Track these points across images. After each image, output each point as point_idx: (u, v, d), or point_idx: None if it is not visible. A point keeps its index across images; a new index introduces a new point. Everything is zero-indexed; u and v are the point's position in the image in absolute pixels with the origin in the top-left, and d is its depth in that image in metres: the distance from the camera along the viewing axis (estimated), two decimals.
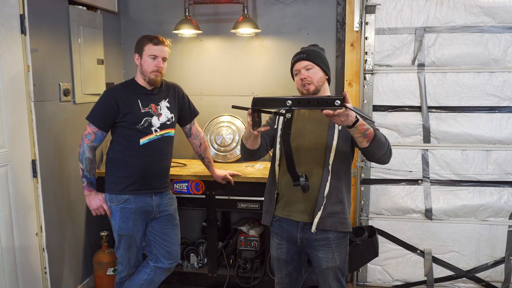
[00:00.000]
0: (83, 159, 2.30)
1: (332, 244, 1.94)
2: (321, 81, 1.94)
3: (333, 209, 1.91)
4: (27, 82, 2.42)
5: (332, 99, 1.56)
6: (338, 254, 1.96)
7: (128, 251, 2.40)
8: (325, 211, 1.90)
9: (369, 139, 1.73)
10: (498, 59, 2.77)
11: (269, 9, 3.16)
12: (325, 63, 1.98)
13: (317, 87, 1.93)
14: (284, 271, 2.09)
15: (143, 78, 2.33)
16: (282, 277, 2.11)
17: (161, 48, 2.29)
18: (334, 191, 1.90)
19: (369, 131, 1.71)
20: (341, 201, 1.92)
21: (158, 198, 2.40)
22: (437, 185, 2.93)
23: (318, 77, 1.93)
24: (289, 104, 1.59)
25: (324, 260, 1.97)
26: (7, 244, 2.34)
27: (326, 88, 1.99)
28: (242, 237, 3.05)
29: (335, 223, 1.92)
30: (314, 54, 1.96)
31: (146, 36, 2.31)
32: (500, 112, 2.82)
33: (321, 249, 1.96)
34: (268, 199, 2.07)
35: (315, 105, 1.58)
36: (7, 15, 2.29)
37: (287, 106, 1.59)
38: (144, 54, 2.28)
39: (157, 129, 2.34)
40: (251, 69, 3.25)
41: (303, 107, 1.61)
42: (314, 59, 1.94)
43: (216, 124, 3.26)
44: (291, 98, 1.59)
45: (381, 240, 2.93)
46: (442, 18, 2.79)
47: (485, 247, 2.94)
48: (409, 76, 2.87)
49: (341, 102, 1.54)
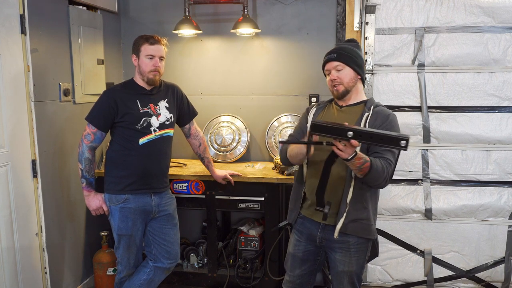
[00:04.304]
0: (82, 159, 2.30)
1: (351, 248, 1.92)
2: (351, 82, 1.91)
3: (357, 215, 1.87)
4: (27, 82, 2.42)
5: (397, 138, 1.49)
6: (356, 259, 1.94)
7: (128, 251, 2.40)
8: (348, 217, 1.86)
9: (363, 173, 1.73)
10: (498, 59, 2.77)
11: (269, 9, 3.16)
12: (357, 63, 1.91)
13: (346, 88, 1.91)
14: (297, 270, 2.07)
15: (141, 78, 2.33)
16: (294, 276, 2.09)
17: (157, 48, 2.29)
18: (358, 197, 1.86)
19: (365, 165, 1.70)
20: (365, 207, 1.89)
21: (158, 198, 2.40)
22: (437, 185, 2.93)
23: (348, 78, 1.90)
24: (350, 135, 1.53)
25: (341, 263, 1.95)
26: (7, 244, 2.34)
27: (358, 89, 1.95)
28: (242, 237, 3.04)
29: (357, 228, 1.89)
30: (345, 54, 1.91)
31: (142, 36, 2.31)
32: (500, 112, 2.82)
33: (339, 252, 1.94)
34: (294, 198, 2.07)
35: (378, 141, 1.53)
36: (7, 15, 2.29)
37: (348, 137, 1.54)
38: (141, 54, 2.28)
39: (156, 129, 2.34)
40: (251, 69, 3.25)
41: (363, 141, 1.55)
42: (345, 59, 1.89)
43: (216, 124, 3.26)
44: (353, 129, 1.53)
45: (381, 240, 2.92)
46: (442, 18, 2.79)
47: (485, 247, 2.94)
48: (409, 76, 2.87)
49: (406, 142, 1.49)
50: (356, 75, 1.92)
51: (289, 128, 3.13)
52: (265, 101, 3.25)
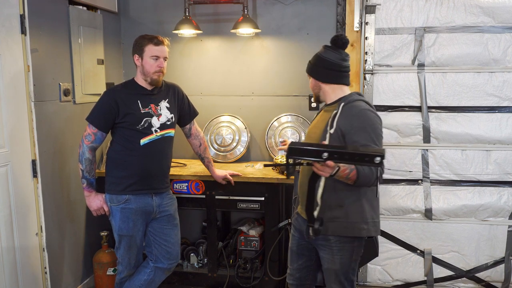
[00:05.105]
0: (83, 160, 2.29)
1: (333, 247, 1.93)
2: (315, 89, 2.03)
3: (332, 214, 1.89)
4: (27, 82, 2.42)
5: (372, 155, 1.49)
6: (340, 258, 1.94)
7: (129, 252, 2.40)
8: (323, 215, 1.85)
9: (352, 181, 1.77)
10: (498, 59, 2.77)
11: (269, 9, 3.16)
12: (315, 70, 2.00)
13: (315, 94, 2.05)
14: (295, 264, 2.15)
15: (144, 78, 2.32)
16: (293, 270, 2.17)
17: (161, 48, 2.29)
18: (331, 195, 1.87)
19: (352, 174, 1.74)
20: (340, 205, 1.89)
21: (159, 199, 2.40)
22: (437, 185, 2.93)
23: (311, 86, 2.05)
24: (325, 157, 1.54)
25: (325, 260, 1.98)
26: (7, 244, 2.34)
27: (327, 91, 1.99)
28: (242, 237, 3.04)
29: (336, 227, 1.90)
30: (308, 65, 2.04)
31: (145, 37, 2.30)
32: (500, 112, 2.82)
33: (323, 249, 1.98)
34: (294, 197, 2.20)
35: (354, 160, 1.54)
36: (7, 15, 2.29)
37: (323, 159, 1.55)
38: (145, 55, 2.27)
39: (157, 129, 2.33)
40: (251, 69, 3.25)
41: (339, 161, 1.57)
42: (307, 70, 2.05)
43: (216, 124, 3.26)
44: (328, 151, 1.54)
45: (381, 240, 2.92)
46: (442, 18, 2.79)
47: (485, 247, 2.94)
48: (409, 76, 2.87)
49: (381, 159, 1.49)
50: (316, 81, 2.01)
51: (289, 128, 3.14)
52: (265, 101, 3.25)
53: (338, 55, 1.94)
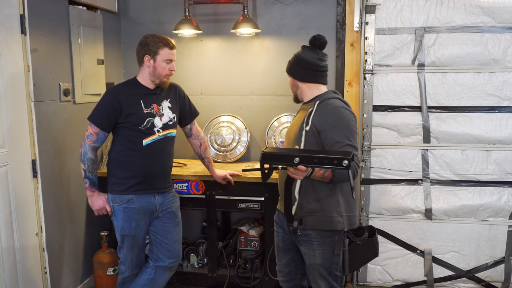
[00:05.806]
0: (85, 159, 2.29)
1: (313, 241, 1.96)
2: (293, 88, 2.09)
3: (310, 207, 1.93)
4: (27, 82, 2.42)
5: (340, 159, 1.55)
6: (321, 253, 1.97)
7: (131, 251, 2.40)
8: (301, 210, 1.93)
9: (329, 179, 1.83)
10: (498, 59, 2.77)
11: (269, 9, 3.16)
12: (293, 69, 2.05)
13: (294, 93, 2.11)
14: (283, 259, 2.17)
15: (152, 80, 2.31)
16: (282, 265, 2.19)
17: (174, 52, 2.32)
18: (308, 189, 1.93)
19: (327, 173, 1.81)
20: (318, 199, 1.93)
21: (161, 197, 2.40)
22: (437, 185, 2.93)
23: (291, 84, 2.10)
24: (296, 161, 1.61)
25: (307, 255, 2.02)
26: (7, 244, 2.34)
27: (304, 89, 2.04)
28: (242, 237, 3.05)
29: (314, 221, 1.93)
30: (288, 64, 2.09)
31: (158, 39, 2.27)
32: (500, 112, 2.82)
33: (303, 244, 2.01)
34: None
35: (323, 164, 1.59)
36: (7, 15, 2.29)
37: (295, 163, 1.61)
38: (158, 57, 2.25)
39: (159, 130, 2.33)
40: (251, 69, 3.25)
41: (310, 165, 1.63)
42: (287, 69, 2.10)
43: (216, 124, 3.26)
44: (299, 155, 1.61)
45: (381, 240, 2.92)
46: (442, 18, 2.79)
47: (485, 247, 2.94)
48: (409, 76, 2.87)
49: (349, 162, 1.53)
50: (294, 80, 2.07)
51: None
52: (265, 101, 3.25)
53: (315, 55, 2.00)
